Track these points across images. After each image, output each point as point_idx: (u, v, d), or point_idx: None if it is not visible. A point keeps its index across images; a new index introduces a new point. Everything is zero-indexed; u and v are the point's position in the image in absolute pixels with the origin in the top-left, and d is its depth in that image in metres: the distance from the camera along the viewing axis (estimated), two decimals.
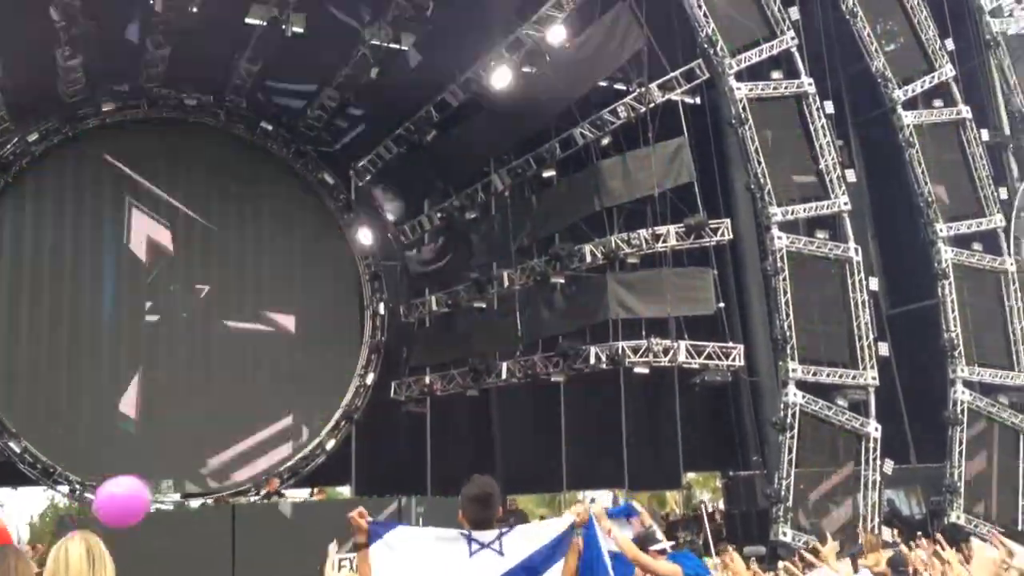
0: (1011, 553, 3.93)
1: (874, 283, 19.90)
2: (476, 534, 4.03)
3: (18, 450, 18.30)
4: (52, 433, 18.97)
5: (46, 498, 25.43)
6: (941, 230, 20.97)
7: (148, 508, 4.68)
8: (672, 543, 8.56)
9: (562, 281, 20.46)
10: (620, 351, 19.21)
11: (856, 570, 8.79)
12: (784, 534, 17.37)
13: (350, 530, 4.06)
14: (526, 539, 4.09)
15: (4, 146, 19.26)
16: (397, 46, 19.98)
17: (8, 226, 19.59)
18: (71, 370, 19.50)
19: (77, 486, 18.80)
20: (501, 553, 4.02)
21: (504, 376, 21.06)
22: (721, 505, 24.28)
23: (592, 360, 19.71)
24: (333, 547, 7.27)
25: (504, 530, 4.06)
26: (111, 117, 20.57)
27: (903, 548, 11.90)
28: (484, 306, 22.08)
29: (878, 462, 18.32)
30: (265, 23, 18.71)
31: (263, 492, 18.84)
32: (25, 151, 19.59)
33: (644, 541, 7.32)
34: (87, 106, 20.03)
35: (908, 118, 21.44)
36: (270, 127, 22.13)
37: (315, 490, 21.01)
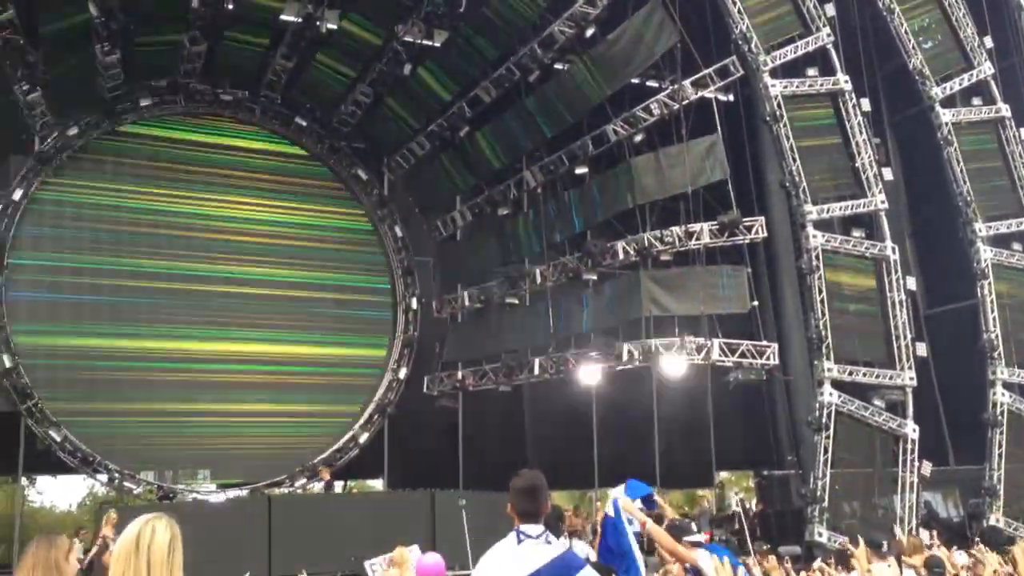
0: None
1: (911, 282, 19.67)
2: (524, 528, 4.10)
3: (58, 439, 18.55)
4: (92, 422, 19.21)
5: (85, 487, 25.72)
6: (980, 230, 20.70)
7: None
8: (707, 536, 8.52)
9: (595, 278, 20.44)
10: (653, 348, 19.14)
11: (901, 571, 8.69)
12: (820, 534, 17.23)
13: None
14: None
15: (45, 140, 19.50)
16: (430, 42, 20.08)
17: (49, 218, 19.85)
18: (112, 360, 19.73)
19: (116, 475, 19.03)
20: (548, 543, 4.10)
21: (536, 372, 21.06)
22: (754, 504, 24.10)
23: (624, 357, 19.65)
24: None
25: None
26: (149, 112, 20.80)
27: (943, 550, 11.77)
28: (517, 302, 22.09)
29: (915, 464, 18.10)
30: (300, 19, 18.90)
31: (313, 481, 19.04)
32: (65, 145, 19.85)
33: (678, 531, 7.26)
34: (126, 101, 20.25)
35: (946, 116, 21.19)
36: (304, 123, 22.26)
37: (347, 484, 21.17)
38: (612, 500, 7.37)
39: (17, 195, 19.23)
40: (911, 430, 18.22)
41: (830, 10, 19.95)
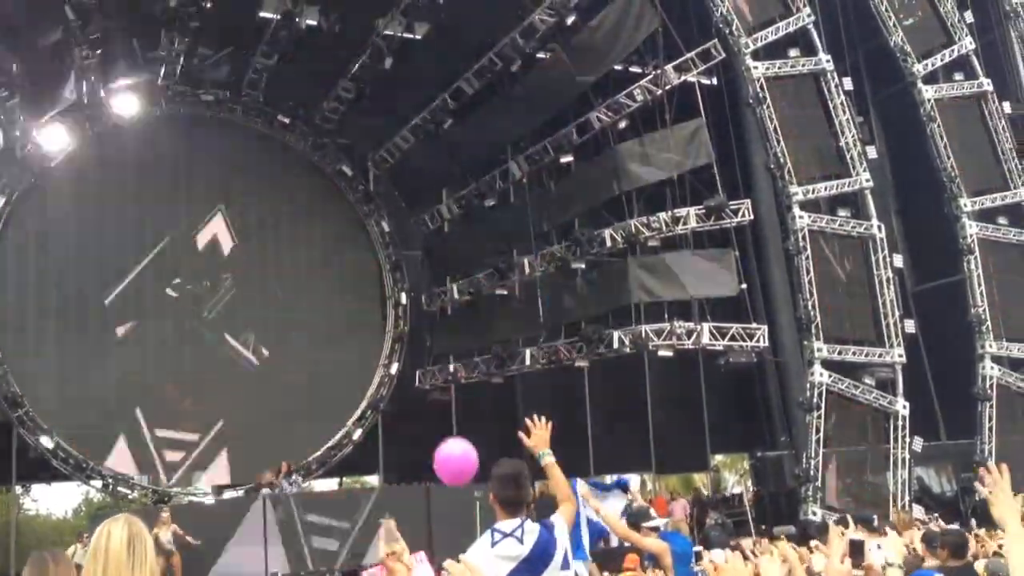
0: None
1: (899, 260, 19.75)
2: (499, 525, 3.95)
3: (50, 446, 18.49)
4: (84, 428, 19.15)
5: (80, 493, 25.66)
6: (965, 205, 20.78)
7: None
8: (665, 521, 8.67)
9: (583, 266, 20.41)
10: (643, 334, 19.17)
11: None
12: (813, 513, 17.33)
13: None
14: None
15: (25, 148, 19.34)
16: (411, 35, 20.00)
17: (31, 225, 19.75)
18: (98, 366, 19.66)
19: (110, 480, 19.00)
20: (521, 541, 3.98)
21: (528, 362, 21.06)
22: (748, 486, 24.22)
23: (615, 344, 19.68)
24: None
25: (525, 519, 4.06)
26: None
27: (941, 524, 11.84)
28: (506, 293, 22.08)
29: (907, 440, 18.21)
30: (279, 16, 18.78)
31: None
32: (47, 153, 19.68)
33: (637, 517, 7.47)
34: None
35: (928, 92, 21.24)
36: (287, 120, 22.17)
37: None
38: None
39: None
40: (902, 406, 18.34)
41: None
